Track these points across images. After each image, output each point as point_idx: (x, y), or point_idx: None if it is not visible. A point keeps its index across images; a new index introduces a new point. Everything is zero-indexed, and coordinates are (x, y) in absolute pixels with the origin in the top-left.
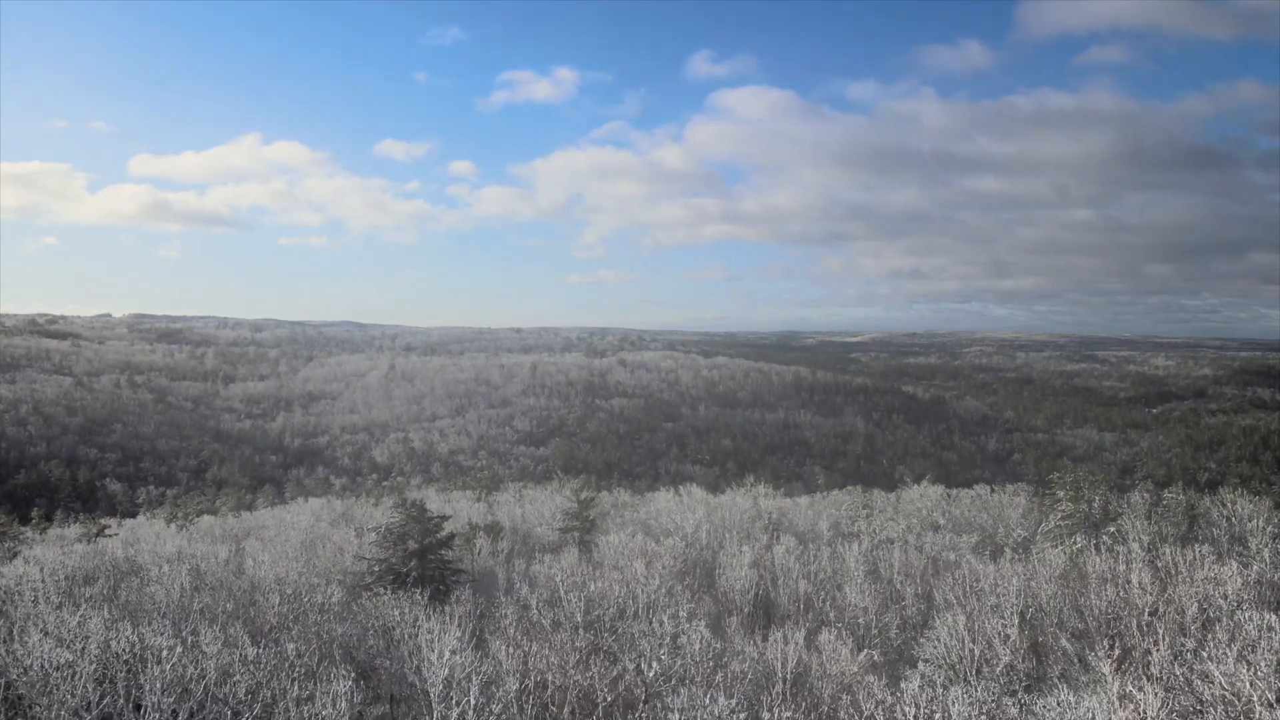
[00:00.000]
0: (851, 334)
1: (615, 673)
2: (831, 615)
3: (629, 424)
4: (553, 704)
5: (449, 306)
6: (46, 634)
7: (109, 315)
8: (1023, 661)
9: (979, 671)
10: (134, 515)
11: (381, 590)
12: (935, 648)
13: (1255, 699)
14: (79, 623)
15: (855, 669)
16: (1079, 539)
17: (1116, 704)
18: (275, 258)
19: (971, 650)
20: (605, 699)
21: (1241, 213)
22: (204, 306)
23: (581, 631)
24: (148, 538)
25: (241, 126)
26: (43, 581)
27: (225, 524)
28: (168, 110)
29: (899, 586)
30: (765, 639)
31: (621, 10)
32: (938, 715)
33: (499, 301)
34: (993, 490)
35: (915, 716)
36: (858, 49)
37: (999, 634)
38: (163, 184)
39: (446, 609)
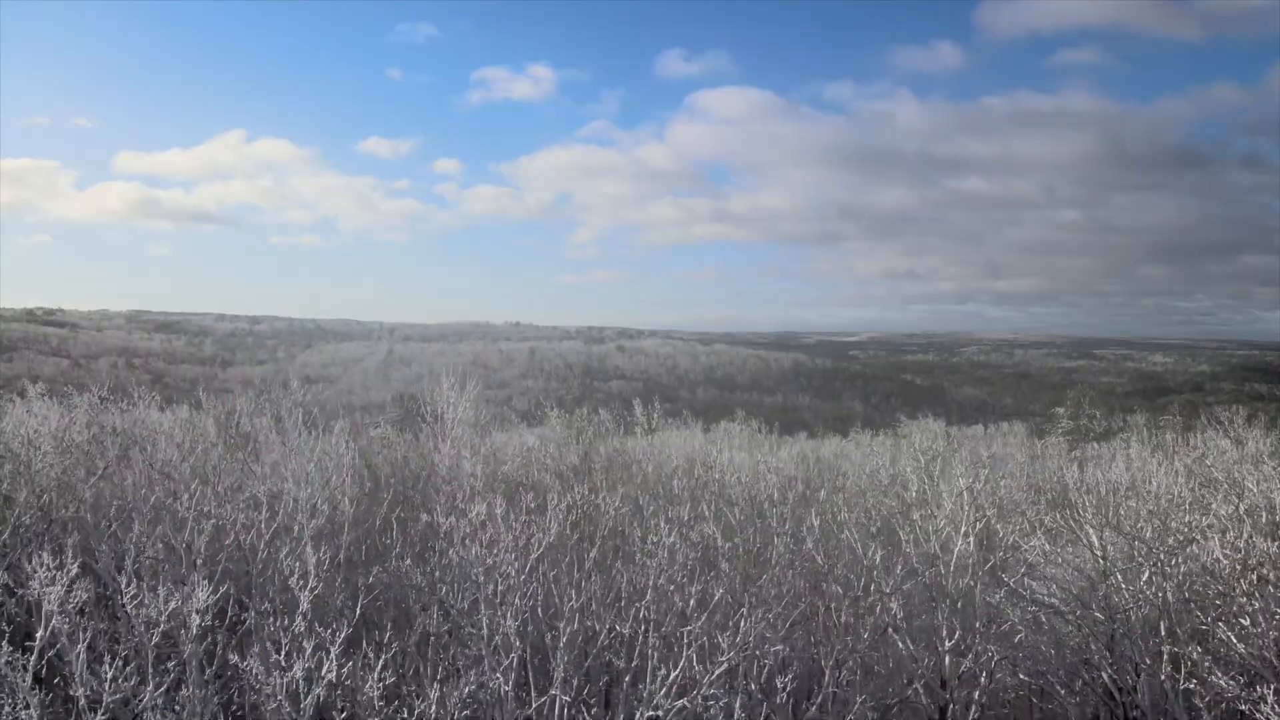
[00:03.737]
0: (849, 334)
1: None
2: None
3: (628, 404)
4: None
5: (447, 305)
6: (30, 413)
7: (106, 310)
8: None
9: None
10: None
11: None
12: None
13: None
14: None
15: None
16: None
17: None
18: (269, 256)
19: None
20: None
21: (1228, 214)
22: (201, 304)
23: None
24: None
25: (224, 123)
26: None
27: None
28: (149, 107)
29: (904, 472)
30: None
31: (591, 5)
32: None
33: (497, 301)
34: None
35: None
36: (829, 49)
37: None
38: (150, 181)
39: None
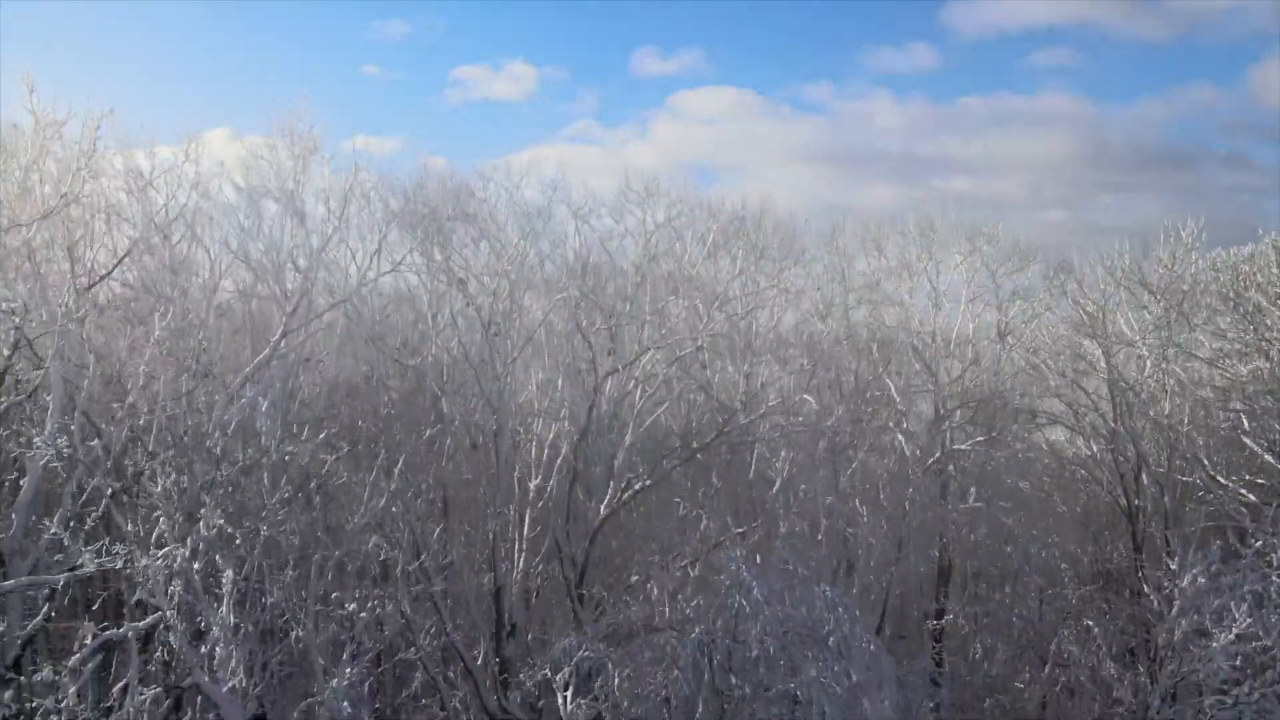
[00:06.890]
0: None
1: None
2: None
3: None
4: None
5: None
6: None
7: None
8: None
9: None
10: None
11: None
12: None
13: None
14: None
15: None
16: None
17: None
18: None
19: None
20: None
21: (1215, 216)
22: None
23: None
24: None
25: (210, 121)
26: None
27: None
28: (133, 104)
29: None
30: None
31: (566, 2)
32: None
33: None
34: None
35: None
36: (803, 48)
37: None
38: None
39: None
